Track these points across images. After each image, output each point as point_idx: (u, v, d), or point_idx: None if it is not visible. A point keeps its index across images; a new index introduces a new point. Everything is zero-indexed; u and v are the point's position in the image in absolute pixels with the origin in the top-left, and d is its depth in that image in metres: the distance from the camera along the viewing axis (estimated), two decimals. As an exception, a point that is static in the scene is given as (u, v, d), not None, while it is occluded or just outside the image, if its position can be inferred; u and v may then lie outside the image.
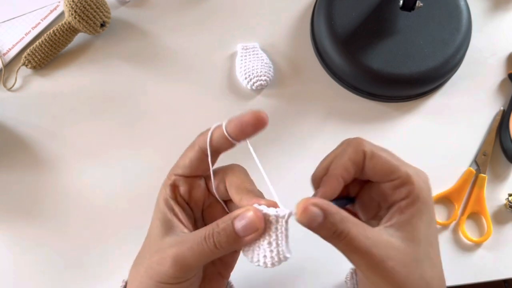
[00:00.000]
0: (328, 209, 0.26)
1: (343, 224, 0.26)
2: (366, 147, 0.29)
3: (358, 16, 0.51)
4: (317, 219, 0.25)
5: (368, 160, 0.29)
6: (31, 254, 0.46)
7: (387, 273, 0.26)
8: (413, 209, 0.28)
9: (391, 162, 0.29)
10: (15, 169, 0.49)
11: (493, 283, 0.47)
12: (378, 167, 0.29)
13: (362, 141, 0.30)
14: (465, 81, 0.53)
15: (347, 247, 0.26)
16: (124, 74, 0.53)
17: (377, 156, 0.29)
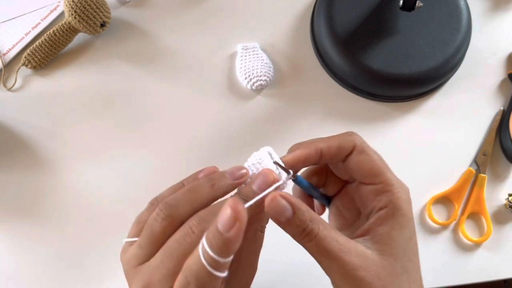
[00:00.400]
0: (297, 205, 0.25)
1: (313, 224, 0.25)
2: (358, 141, 0.29)
3: (358, 16, 0.51)
4: (285, 213, 0.25)
5: (356, 154, 0.29)
6: (31, 254, 0.46)
7: (359, 283, 0.25)
8: (393, 221, 0.27)
9: (378, 164, 0.28)
10: (15, 169, 0.49)
11: (493, 283, 0.47)
12: (364, 164, 0.28)
13: (357, 135, 0.29)
14: (465, 81, 0.53)
15: (317, 248, 0.25)
16: (124, 74, 0.53)
17: (366, 153, 0.28)
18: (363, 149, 0.29)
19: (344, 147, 0.29)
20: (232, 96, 0.52)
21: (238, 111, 0.51)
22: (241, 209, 0.22)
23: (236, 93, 0.52)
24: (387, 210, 0.27)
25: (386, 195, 0.27)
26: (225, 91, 0.52)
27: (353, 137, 0.29)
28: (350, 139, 0.29)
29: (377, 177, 0.28)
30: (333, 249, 0.25)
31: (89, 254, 0.46)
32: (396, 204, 0.27)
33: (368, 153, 0.28)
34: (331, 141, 0.29)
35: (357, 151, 0.29)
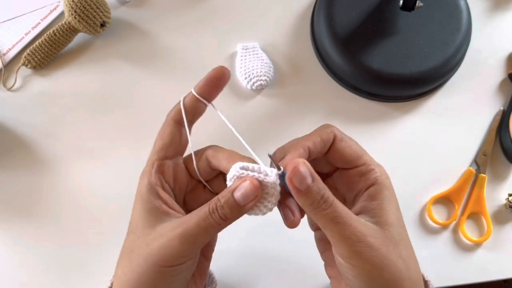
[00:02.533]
0: (314, 173, 0.26)
1: (328, 191, 0.26)
2: (336, 131, 0.31)
3: (358, 16, 0.51)
4: (306, 180, 0.25)
5: (338, 142, 0.30)
6: (30, 254, 0.46)
7: (368, 249, 0.26)
8: (382, 195, 0.29)
9: (358, 148, 0.30)
10: (15, 169, 0.49)
11: (493, 283, 0.47)
12: (346, 151, 0.30)
13: (333, 127, 0.31)
14: (465, 81, 0.53)
15: (332, 215, 0.26)
16: (124, 74, 0.53)
17: (345, 141, 0.30)
18: (342, 138, 0.30)
19: (326, 140, 0.30)
20: (232, 96, 0.52)
21: (238, 111, 0.51)
22: None
23: (236, 93, 0.52)
24: (375, 187, 0.29)
25: (370, 173, 0.29)
26: (225, 91, 0.51)
27: (330, 128, 0.31)
28: (329, 130, 0.30)
29: (359, 159, 0.30)
30: (346, 216, 0.26)
31: (89, 254, 0.46)
32: (381, 180, 0.29)
33: (347, 140, 0.30)
34: (314, 137, 0.30)
35: (338, 140, 0.30)
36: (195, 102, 0.31)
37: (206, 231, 0.27)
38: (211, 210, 0.27)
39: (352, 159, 0.30)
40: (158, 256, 0.27)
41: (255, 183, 0.27)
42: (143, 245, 0.28)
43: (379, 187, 0.29)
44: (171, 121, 0.31)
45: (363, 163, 0.30)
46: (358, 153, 0.30)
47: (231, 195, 0.27)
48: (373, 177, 0.29)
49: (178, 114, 0.31)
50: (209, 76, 0.30)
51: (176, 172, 0.31)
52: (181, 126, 0.31)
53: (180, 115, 0.31)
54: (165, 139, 0.31)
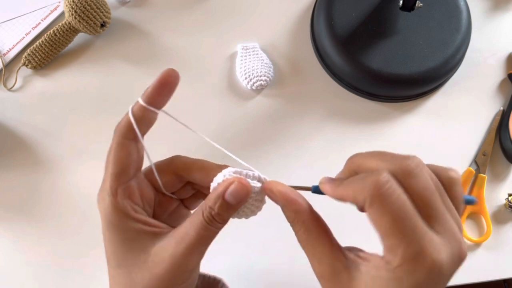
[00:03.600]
0: (288, 198, 0.27)
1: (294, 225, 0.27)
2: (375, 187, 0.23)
3: (358, 16, 0.51)
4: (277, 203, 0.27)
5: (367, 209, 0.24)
6: (31, 254, 0.46)
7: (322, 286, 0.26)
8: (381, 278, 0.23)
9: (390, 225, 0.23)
10: (15, 169, 0.49)
11: (493, 283, 0.47)
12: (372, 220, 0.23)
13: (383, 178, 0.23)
14: (465, 81, 0.53)
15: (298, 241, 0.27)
16: (124, 74, 0.53)
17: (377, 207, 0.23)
18: (373, 202, 0.23)
19: (357, 200, 0.24)
20: (232, 96, 0.52)
21: (238, 111, 0.51)
22: None
23: (236, 93, 0.52)
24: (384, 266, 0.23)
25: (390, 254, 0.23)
26: (225, 91, 0.52)
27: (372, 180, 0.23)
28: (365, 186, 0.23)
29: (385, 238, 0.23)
30: (307, 251, 0.26)
31: (89, 254, 0.46)
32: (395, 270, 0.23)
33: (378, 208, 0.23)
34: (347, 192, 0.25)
35: (368, 204, 0.23)
36: (145, 112, 0.28)
37: (208, 239, 0.27)
38: (208, 220, 0.27)
39: (378, 232, 0.23)
40: (168, 280, 0.27)
41: (243, 181, 0.27)
42: (145, 274, 0.27)
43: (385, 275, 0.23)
44: (123, 139, 0.28)
45: (383, 245, 0.23)
46: (386, 231, 0.23)
47: (223, 200, 0.27)
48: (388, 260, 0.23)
49: (128, 129, 0.28)
50: (157, 81, 0.28)
51: (142, 190, 0.29)
52: (134, 141, 0.29)
53: (130, 129, 0.28)
54: (122, 162, 0.28)
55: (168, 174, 0.31)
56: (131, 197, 0.28)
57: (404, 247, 0.22)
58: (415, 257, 0.22)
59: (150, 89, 0.29)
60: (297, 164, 0.49)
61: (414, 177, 0.24)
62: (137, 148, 0.29)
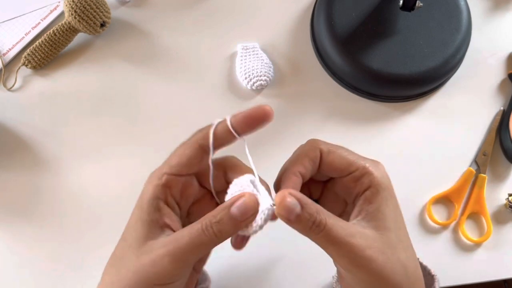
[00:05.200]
0: (303, 199, 0.26)
1: (320, 215, 0.26)
2: (322, 145, 0.30)
3: (358, 16, 0.51)
4: (295, 210, 0.26)
5: (326, 156, 0.30)
6: (30, 254, 0.46)
7: (367, 262, 0.26)
8: (379, 198, 0.28)
9: (347, 156, 0.30)
10: (15, 169, 0.49)
11: (493, 283, 0.47)
12: (336, 162, 0.30)
13: (318, 141, 0.31)
14: (465, 81, 0.53)
15: (326, 238, 0.26)
16: (124, 74, 0.53)
17: (333, 151, 0.30)
18: (329, 150, 0.30)
19: (314, 157, 0.30)
20: (232, 96, 0.52)
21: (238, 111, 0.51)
22: None
23: (236, 93, 0.52)
24: (371, 190, 0.29)
25: (365, 177, 0.29)
26: (225, 91, 0.52)
27: (315, 144, 0.30)
28: (314, 147, 0.30)
29: (351, 166, 0.29)
30: (341, 235, 0.26)
31: (89, 254, 0.46)
32: (377, 181, 0.29)
33: (335, 151, 0.30)
34: (302, 159, 0.30)
35: (325, 154, 0.30)
36: (226, 132, 0.29)
37: (197, 248, 0.27)
38: (205, 227, 0.26)
39: (344, 168, 0.30)
40: (148, 274, 0.27)
41: (253, 198, 0.27)
42: (132, 256, 0.28)
43: (375, 190, 0.29)
44: (196, 144, 0.29)
45: (355, 168, 0.29)
46: (348, 160, 0.30)
47: (227, 211, 0.27)
48: (368, 180, 0.29)
49: (205, 140, 0.29)
50: (252, 113, 0.29)
51: (186, 187, 0.30)
52: (203, 152, 0.29)
53: (206, 140, 0.29)
54: (183, 159, 0.29)
55: (218, 169, 0.31)
56: (171, 188, 0.29)
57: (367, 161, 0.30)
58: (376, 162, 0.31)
59: (241, 116, 0.29)
60: (297, 164, 0.49)
61: None
62: (201, 158, 0.29)
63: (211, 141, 0.29)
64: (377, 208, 0.28)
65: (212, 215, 0.27)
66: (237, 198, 0.27)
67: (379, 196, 0.29)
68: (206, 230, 0.26)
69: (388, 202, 0.29)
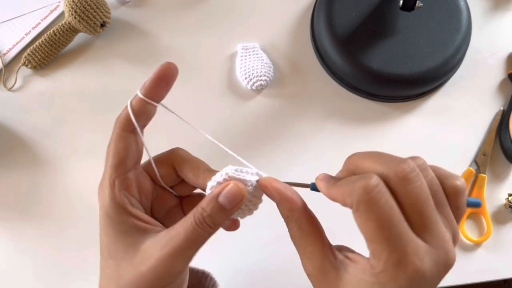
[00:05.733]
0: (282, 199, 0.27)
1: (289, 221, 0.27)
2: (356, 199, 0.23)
3: (358, 16, 0.51)
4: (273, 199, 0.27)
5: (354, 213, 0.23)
6: (30, 254, 0.46)
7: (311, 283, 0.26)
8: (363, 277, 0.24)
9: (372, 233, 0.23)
10: (15, 169, 0.49)
11: (493, 283, 0.47)
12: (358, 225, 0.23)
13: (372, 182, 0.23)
14: (465, 81, 0.53)
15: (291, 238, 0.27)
16: (124, 74, 0.53)
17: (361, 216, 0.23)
18: (358, 207, 0.23)
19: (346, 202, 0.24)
20: (232, 96, 0.52)
21: (238, 111, 0.51)
22: None
23: (236, 93, 0.52)
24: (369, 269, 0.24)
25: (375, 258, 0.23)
26: (225, 91, 0.52)
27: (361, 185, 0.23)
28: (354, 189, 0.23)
29: (368, 243, 0.23)
30: (298, 249, 0.26)
31: (89, 254, 0.46)
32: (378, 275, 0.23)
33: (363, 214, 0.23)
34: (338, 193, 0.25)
35: (354, 208, 0.23)
36: (143, 105, 0.29)
37: (196, 243, 0.27)
38: (198, 222, 0.26)
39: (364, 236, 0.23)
40: (152, 280, 0.26)
41: (240, 185, 0.27)
42: (130, 270, 0.27)
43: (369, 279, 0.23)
44: (122, 131, 0.29)
45: (369, 249, 0.23)
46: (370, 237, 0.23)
47: (216, 202, 0.26)
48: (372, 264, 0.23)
49: (127, 122, 0.29)
50: (156, 75, 0.29)
51: (139, 182, 0.30)
52: (133, 134, 0.29)
53: (129, 122, 0.29)
54: (121, 153, 0.29)
55: (166, 166, 0.31)
56: (128, 189, 0.28)
57: (387, 253, 0.22)
58: (398, 264, 0.22)
59: (148, 82, 0.29)
60: (297, 164, 0.49)
61: (408, 183, 0.24)
62: (136, 140, 0.29)
63: (134, 119, 0.28)
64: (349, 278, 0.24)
65: (202, 207, 0.26)
66: (223, 188, 0.27)
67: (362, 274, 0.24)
68: (200, 224, 0.26)
69: None
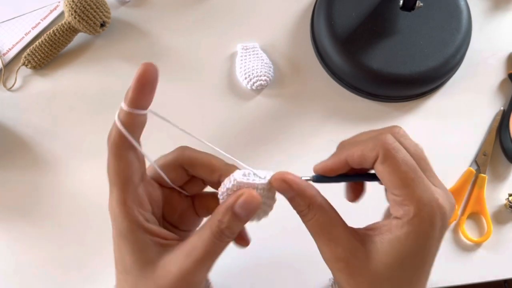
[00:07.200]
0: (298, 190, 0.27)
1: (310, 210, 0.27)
2: (387, 143, 0.26)
3: (358, 16, 0.51)
4: (287, 194, 0.27)
5: (380, 163, 0.26)
6: (30, 254, 0.46)
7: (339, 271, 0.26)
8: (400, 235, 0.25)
9: (401, 176, 0.25)
10: (15, 169, 0.49)
11: (493, 283, 0.47)
12: (385, 175, 0.26)
13: (388, 136, 0.26)
14: (465, 81, 0.53)
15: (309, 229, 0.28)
16: (124, 74, 0.53)
17: (389, 163, 0.25)
18: (387, 158, 0.25)
19: (366, 157, 0.26)
20: (232, 96, 0.52)
21: (238, 111, 0.51)
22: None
23: (236, 93, 0.52)
24: (399, 223, 0.25)
25: (404, 208, 0.25)
26: (225, 91, 0.52)
27: (381, 140, 0.26)
28: (376, 144, 0.26)
29: (398, 189, 0.25)
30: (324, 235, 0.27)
31: (89, 254, 0.46)
32: (411, 222, 0.25)
33: (393, 162, 0.25)
34: (355, 149, 0.27)
35: (380, 160, 0.26)
36: (132, 117, 0.27)
37: (215, 254, 0.27)
38: (217, 234, 0.26)
39: (391, 186, 0.26)
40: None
41: (253, 193, 0.27)
42: (151, 285, 0.27)
43: (402, 226, 0.25)
44: (118, 150, 0.27)
45: (401, 194, 0.25)
46: (398, 183, 0.25)
47: (231, 212, 0.26)
48: (403, 213, 0.25)
49: (121, 139, 0.27)
50: (136, 82, 0.26)
51: (149, 194, 0.29)
52: (130, 149, 0.27)
53: (123, 139, 0.27)
54: (124, 173, 0.27)
55: (175, 170, 0.30)
56: (141, 206, 0.28)
57: (418, 195, 0.25)
58: (430, 204, 0.25)
59: (131, 92, 0.26)
60: (297, 164, 0.49)
61: (406, 138, 0.27)
62: (136, 155, 0.28)
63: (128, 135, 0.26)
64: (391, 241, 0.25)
65: (218, 220, 0.27)
66: (237, 197, 0.27)
67: (401, 232, 0.25)
68: (219, 237, 0.27)
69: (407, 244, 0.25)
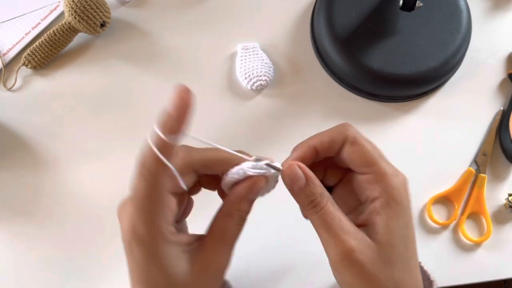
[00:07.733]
0: (311, 177, 0.28)
1: (322, 198, 0.27)
2: (350, 131, 0.29)
3: (358, 16, 0.51)
4: (298, 182, 0.27)
5: (348, 145, 0.28)
6: (30, 254, 0.46)
7: (353, 264, 0.26)
8: (389, 211, 0.27)
9: (370, 154, 0.28)
10: (15, 169, 0.49)
11: (493, 283, 0.47)
12: (355, 155, 0.28)
13: (349, 126, 0.29)
14: (465, 81, 0.53)
15: (320, 221, 0.27)
16: (124, 74, 0.53)
17: (358, 143, 0.28)
18: (354, 140, 0.28)
19: (335, 140, 0.29)
20: (232, 96, 0.52)
21: (238, 111, 0.51)
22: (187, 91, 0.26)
23: (236, 93, 0.52)
24: (382, 200, 0.27)
25: (379, 184, 0.27)
26: (225, 91, 0.52)
27: (344, 128, 0.29)
28: (341, 130, 0.29)
29: (369, 166, 0.28)
30: (335, 226, 0.27)
31: (89, 254, 0.46)
32: (390, 193, 0.27)
33: (360, 143, 0.28)
34: (323, 136, 0.29)
35: (349, 142, 0.28)
36: (170, 145, 0.26)
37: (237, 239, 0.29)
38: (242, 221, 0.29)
39: (361, 165, 0.28)
40: None
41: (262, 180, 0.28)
42: None
43: (386, 201, 0.27)
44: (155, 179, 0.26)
45: (372, 171, 0.28)
46: (369, 159, 0.28)
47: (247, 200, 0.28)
48: (381, 189, 0.27)
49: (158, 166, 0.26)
50: (174, 108, 0.26)
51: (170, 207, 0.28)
52: (164, 172, 0.26)
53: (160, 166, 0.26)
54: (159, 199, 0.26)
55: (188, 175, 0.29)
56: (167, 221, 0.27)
57: (386, 168, 0.28)
58: (396, 174, 0.28)
59: (169, 119, 0.26)
60: (297, 164, 0.49)
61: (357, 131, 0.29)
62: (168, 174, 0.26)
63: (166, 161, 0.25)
64: (384, 221, 0.27)
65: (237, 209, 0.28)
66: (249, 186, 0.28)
67: (389, 209, 0.27)
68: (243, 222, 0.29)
69: (398, 218, 0.27)
